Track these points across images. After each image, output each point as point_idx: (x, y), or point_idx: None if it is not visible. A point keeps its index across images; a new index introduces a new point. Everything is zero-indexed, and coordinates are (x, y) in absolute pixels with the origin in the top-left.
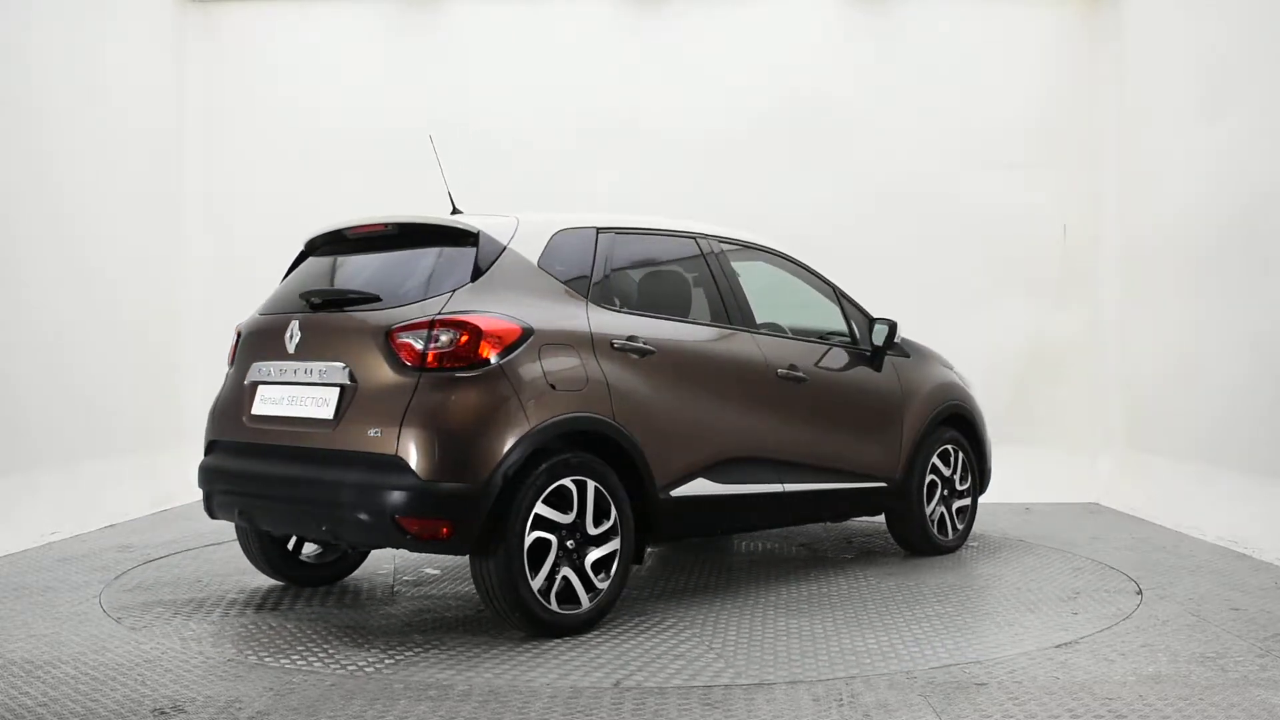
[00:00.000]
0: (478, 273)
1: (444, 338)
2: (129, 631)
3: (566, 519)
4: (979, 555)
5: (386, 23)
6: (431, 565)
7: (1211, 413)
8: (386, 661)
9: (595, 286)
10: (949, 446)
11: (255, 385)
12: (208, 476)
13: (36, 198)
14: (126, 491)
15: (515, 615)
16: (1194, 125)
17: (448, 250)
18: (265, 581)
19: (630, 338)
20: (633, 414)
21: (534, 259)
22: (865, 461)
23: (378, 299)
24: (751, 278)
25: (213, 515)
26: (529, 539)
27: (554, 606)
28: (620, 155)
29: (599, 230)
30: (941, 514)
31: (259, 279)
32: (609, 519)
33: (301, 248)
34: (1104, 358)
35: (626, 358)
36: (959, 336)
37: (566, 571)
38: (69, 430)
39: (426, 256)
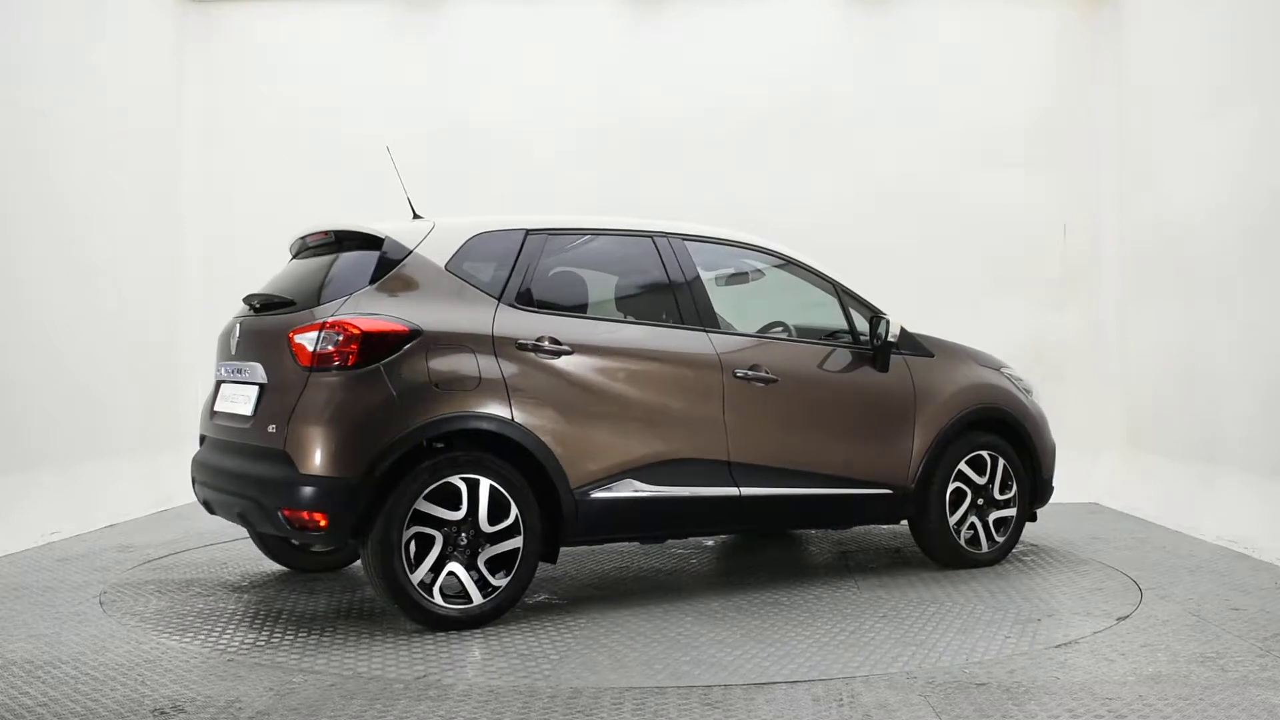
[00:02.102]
0: (378, 276)
1: (330, 339)
2: (129, 631)
3: (455, 515)
4: None
5: (386, 23)
6: None
7: (1211, 413)
8: (386, 661)
9: (512, 287)
10: (984, 453)
11: (219, 384)
12: (192, 467)
13: (36, 197)
14: (126, 491)
15: (396, 605)
16: (1194, 125)
17: (361, 255)
18: (265, 581)
19: (542, 338)
20: (538, 413)
21: (442, 262)
22: (861, 467)
23: (293, 303)
24: (732, 277)
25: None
26: (408, 533)
27: (438, 600)
28: (621, 155)
29: (528, 232)
30: (974, 525)
31: (258, 279)
32: (508, 517)
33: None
34: (1104, 358)
35: (534, 358)
36: (959, 337)
37: (454, 567)
38: (69, 430)
39: (346, 261)
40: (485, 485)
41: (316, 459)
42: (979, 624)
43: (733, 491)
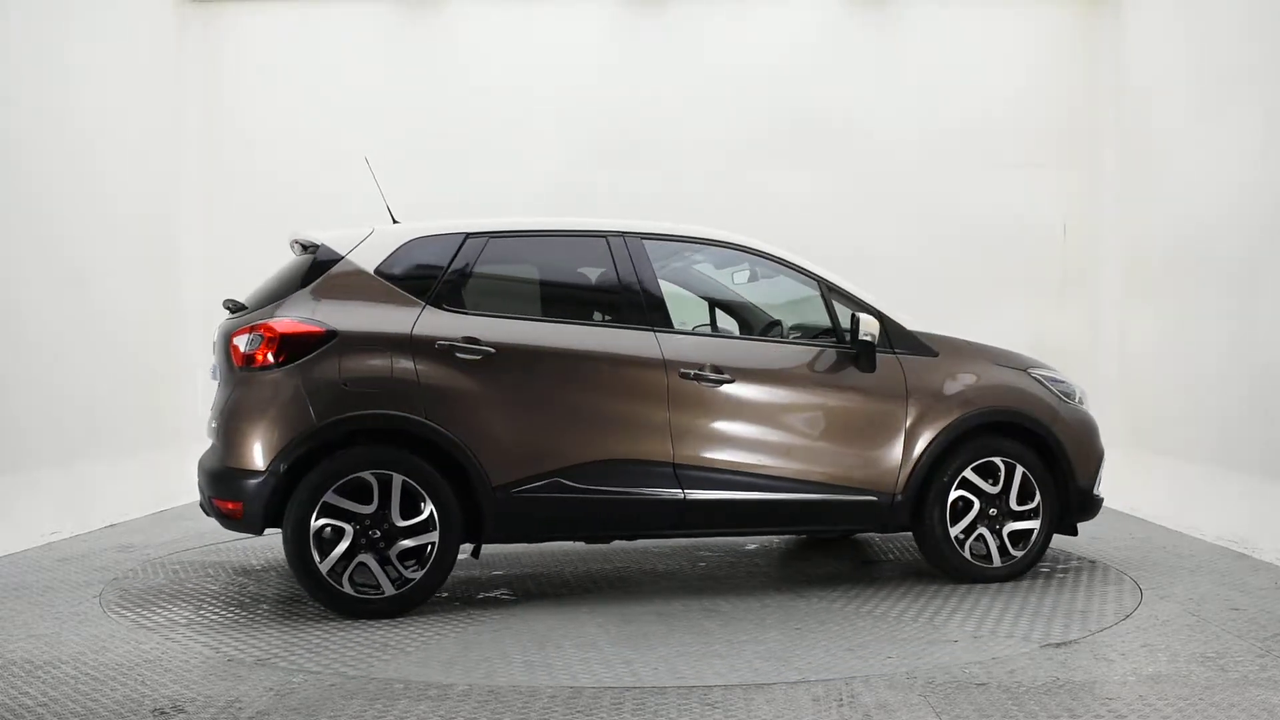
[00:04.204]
0: (308, 281)
1: (254, 340)
2: (129, 631)
3: (366, 509)
4: None
5: (386, 24)
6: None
7: (1212, 413)
8: (386, 662)
9: (442, 290)
10: (996, 460)
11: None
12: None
13: (35, 197)
14: (126, 491)
15: (306, 589)
16: (1194, 125)
17: (302, 260)
18: (266, 581)
19: (463, 339)
20: (454, 412)
21: (371, 267)
22: (835, 471)
23: (245, 307)
24: (707, 277)
25: None
26: (316, 524)
27: (347, 589)
28: (621, 156)
29: (468, 235)
30: (983, 537)
31: (258, 279)
32: (423, 512)
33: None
34: (1104, 358)
35: (452, 358)
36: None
37: (365, 558)
38: (69, 430)
39: (294, 267)
40: (397, 481)
41: (233, 452)
42: (979, 624)
43: (676, 494)
